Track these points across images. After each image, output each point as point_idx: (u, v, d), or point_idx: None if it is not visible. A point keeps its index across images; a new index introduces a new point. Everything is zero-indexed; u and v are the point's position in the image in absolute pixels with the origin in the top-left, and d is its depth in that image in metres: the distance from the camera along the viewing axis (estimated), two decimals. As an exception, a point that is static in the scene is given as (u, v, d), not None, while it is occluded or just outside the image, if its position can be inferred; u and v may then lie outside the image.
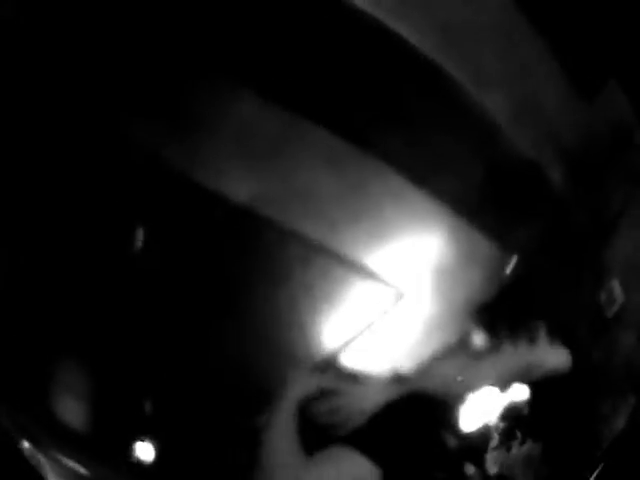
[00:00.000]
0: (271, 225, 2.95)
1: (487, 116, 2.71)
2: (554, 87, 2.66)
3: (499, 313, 3.11)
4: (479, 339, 3.02)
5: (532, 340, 2.85)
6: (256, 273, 2.91)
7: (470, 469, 1.50)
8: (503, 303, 3.10)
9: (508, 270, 3.17)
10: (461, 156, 2.85)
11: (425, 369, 2.69)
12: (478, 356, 3.13)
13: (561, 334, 2.87)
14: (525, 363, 2.74)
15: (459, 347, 3.18)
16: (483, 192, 2.90)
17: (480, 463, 1.54)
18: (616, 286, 2.62)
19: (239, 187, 2.75)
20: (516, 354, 2.73)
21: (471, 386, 1.69)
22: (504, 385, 2.28)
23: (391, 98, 2.58)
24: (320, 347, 2.27)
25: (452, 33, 2.29)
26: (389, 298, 3.10)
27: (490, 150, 2.82)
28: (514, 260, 3.09)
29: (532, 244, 3.03)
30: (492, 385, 2.25)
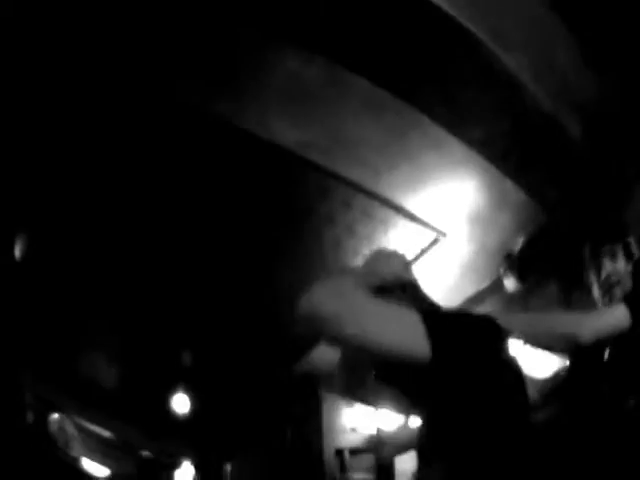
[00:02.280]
0: (316, 169, 3.32)
1: (511, 75, 2.92)
2: (571, 56, 2.83)
3: (529, 259, 3.40)
4: (509, 282, 3.30)
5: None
6: (302, 215, 3.26)
7: None
8: (533, 250, 3.39)
9: (536, 217, 3.44)
10: (490, 109, 3.09)
11: (461, 308, 2.94)
12: (510, 299, 3.42)
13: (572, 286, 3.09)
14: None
15: (492, 290, 3.48)
16: (511, 142, 3.15)
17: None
18: (633, 244, 2.69)
19: (286, 134, 3.09)
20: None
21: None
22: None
23: (428, 57, 2.80)
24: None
25: (481, 3, 2.46)
26: (427, 239, 3.46)
27: (515, 104, 3.04)
28: (540, 208, 3.34)
29: (556, 194, 3.28)
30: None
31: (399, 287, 1.76)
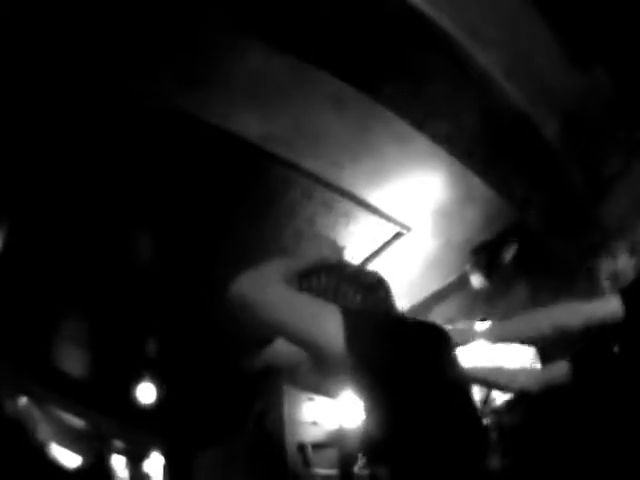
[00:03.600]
0: (278, 161, 3.18)
1: (483, 71, 2.82)
2: (551, 53, 2.76)
3: (497, 256, 3.33)
4: (475, 279, 3.23)
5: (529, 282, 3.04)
6: (263, 206, 3.13)
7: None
8: (501, 247, 3.32)
9: (505, 214, 3.37)
10: (458, 105, 2.99)
11: (425, 303, 2.89)
12: (475, 296, 3.36)
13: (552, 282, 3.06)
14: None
15: (457, 286, 3.42)
16: (479, 138, 3.05)
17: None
18: (617, 245, 2.68)
19: (250, 127, 2.96)
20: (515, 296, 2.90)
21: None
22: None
23: (396, 50, 2.69)
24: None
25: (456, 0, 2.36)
26: (390, 233, 3.35)
27: (485, 100, 2.95)
28: (510, 205, 3.26)
29: (527, 191, 3.21)
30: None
31: (324, 270, 1.78)
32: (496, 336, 2.13)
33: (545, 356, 3.60)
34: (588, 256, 3.46)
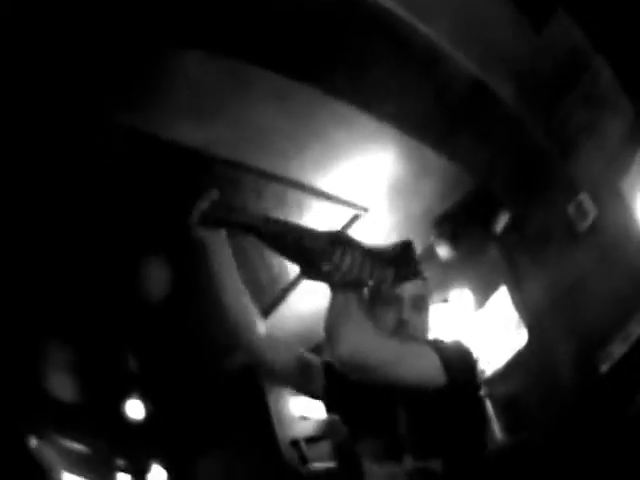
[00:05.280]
0: (224, 163, 3.06)
1: (427, 43, 2.75)
2: (501, 17, 2.71)
3: (461, 225, 3.29)
4: (442, 250, 3.18)
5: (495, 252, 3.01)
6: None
7: None
8: (464, 215, 3.27)
9: (464, 184, 3.32)
10: (405, 82, 2.92)
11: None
12: (445, 267, 3.32)
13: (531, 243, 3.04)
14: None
15: (422, 258, 3.30)
16: (432, 112, 3.00)
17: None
18: (586, 199, 2.75)
19: (194, 135, 2.83)
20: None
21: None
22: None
23: (333, 36, 2.60)
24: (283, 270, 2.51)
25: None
26: (346, 216, 3.26)
27: (434, 74, 2.88)
28: (469, 174, 3.22)
29: (487, 159, 3.16)
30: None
31: (341, 246, 1.61)
32: None
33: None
34: (557, 209, 3.46)
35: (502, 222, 4.01)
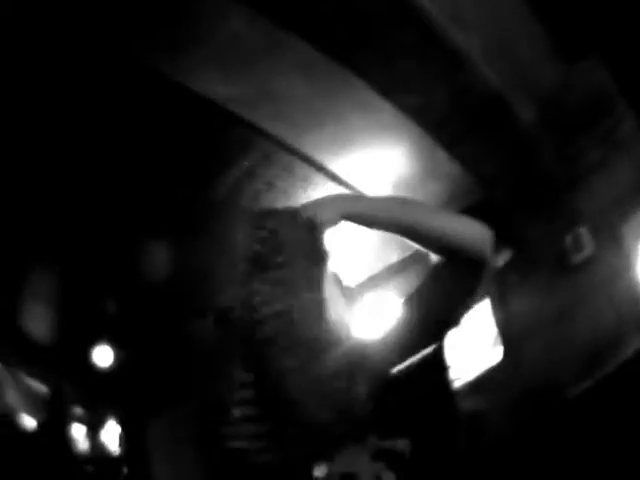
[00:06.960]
0: (239, 121, 3.05)
1: (457, 49, 2.76)
2: (536, 43, 2.70)
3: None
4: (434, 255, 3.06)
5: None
6: (222, 166, 3.02)
7: None
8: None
9: (469, 192, 3.30)
10: (428, 80, 2.91)
11: (382, 275, 2.85)
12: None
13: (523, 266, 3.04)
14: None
15: (415, 259, 3.34)
16: (450, 114, 2.99)
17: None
18: (585, 233, 2.76)
19: (216, 88, 2.84)
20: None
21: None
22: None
23: (370, 21, 2.61)
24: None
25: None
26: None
27: (458, 80, 2.88)
28: (476, 182, 3.21)
29: (496, 170, 3.15)
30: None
31: None
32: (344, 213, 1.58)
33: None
34: (555, 237, 3.47)
35: (502, 259, 4.02)
